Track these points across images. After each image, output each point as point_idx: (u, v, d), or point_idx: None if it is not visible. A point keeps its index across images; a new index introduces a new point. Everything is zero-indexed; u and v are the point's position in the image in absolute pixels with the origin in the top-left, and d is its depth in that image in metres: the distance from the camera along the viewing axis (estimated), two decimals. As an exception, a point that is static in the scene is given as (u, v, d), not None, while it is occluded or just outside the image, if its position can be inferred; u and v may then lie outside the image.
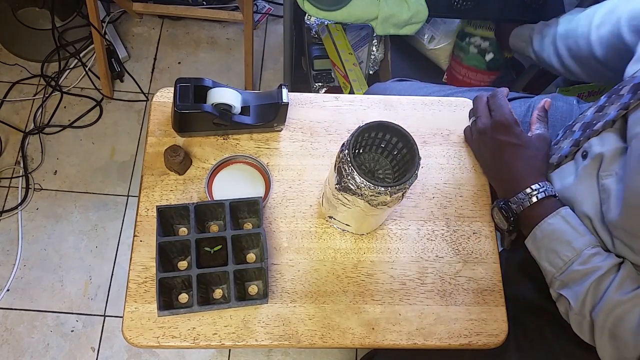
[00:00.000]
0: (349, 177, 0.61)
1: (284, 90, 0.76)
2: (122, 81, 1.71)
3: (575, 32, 0.90)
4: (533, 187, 0.70)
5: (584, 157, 0.73)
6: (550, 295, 0.78)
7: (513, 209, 0.72)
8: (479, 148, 0.80)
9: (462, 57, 1.33)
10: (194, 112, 0.73)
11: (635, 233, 0.61)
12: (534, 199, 0.70)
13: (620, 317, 0.61)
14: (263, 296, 0.70)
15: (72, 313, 1.42)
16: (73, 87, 1.68)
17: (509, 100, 0.94)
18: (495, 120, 0.76)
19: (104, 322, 1.42)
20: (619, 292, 0.62)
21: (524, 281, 0.83)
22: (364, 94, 1.14)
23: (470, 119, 0.83)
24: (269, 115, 0.78)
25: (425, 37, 1.33)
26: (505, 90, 0.80)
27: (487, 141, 0.77)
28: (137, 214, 0.75)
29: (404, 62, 1.40)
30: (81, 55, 1.71)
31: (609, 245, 0.66)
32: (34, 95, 1.66)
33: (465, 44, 1.31)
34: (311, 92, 1.27)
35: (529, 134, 0.77)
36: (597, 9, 0.88)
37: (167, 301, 0.68)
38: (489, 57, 1.30)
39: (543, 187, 0.70)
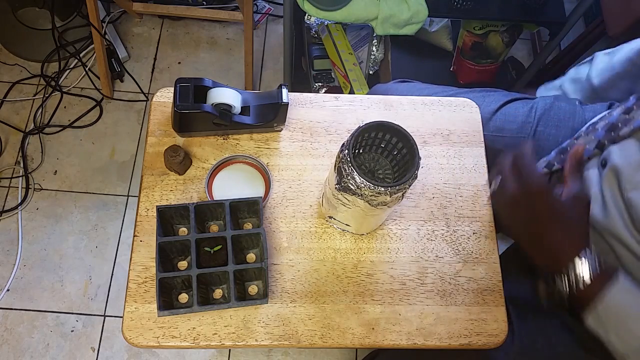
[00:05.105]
0: (349, 177, 0.61)
1: (284, 90, 0.76)
2: (122, 81, 1.71)
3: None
4: (581, 264, 0.62)
5: (603, 165, 0.70)
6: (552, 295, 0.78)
7: (562, 291, 0.64)
8: (510, 215, 0.71)
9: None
10: (194, 112, 0.73)
11: None
12: (587, 279, 0.61)
13: None
14: (263, 296, 0.70)
15: (72, 313, 1.42)
16: (73, 87, 1.68)
17: (510, 101, 0.94)
18: (528, 188, 0.67)
19: (104, 322, 1.42)
20: None
21: (526, 281, 0.83)
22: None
23: (493, 178, 0.75)
24: (269, 115, 0.78)
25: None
26: (530, 145, 0.71)
27: (519, 209, 0.68)
28: (137, 214, 0.75)
29: (404, 62, 1.40)
30: (81, 55, 1.71)
31: None
32: (34, 95, 1.66)
33: None
34: (311, 92, 1.27)
35: (563, 191, 0.68)
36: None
37: (167, 301, 0.68)
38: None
39: (591, 260, 0.62)
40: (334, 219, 0.74)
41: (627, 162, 0.65)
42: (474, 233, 0.77)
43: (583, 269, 0.62)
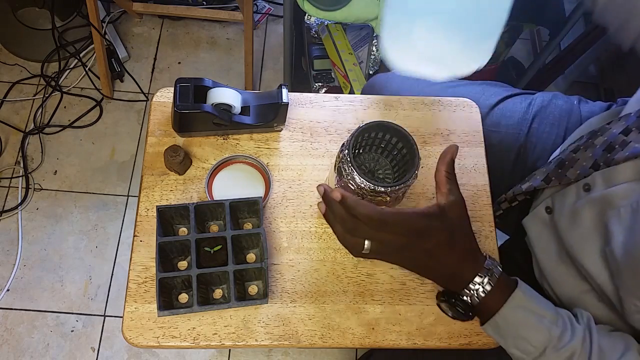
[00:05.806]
0: (349, 177, 0.61)
1: (284, 90, 0.76)
2: (122, 81, 1.71)
3: None
4: (480, 279, 0.62)
5: (586, 189, 0.67)
6: (548, 292, 0.78)
7: (464, 305, 0.66)
8: (400, 261, 0.65)
9: None
10: (194, 112, 0.73)
11: None
12: (485, 292, 0.62)
13: None
14: (263, 296, 0.70)
15: (72, 313, 1.42)
16: (73, 87, 1.69)
17: (510, 96, 0.93)
18: (407, 231, 0.60)
19: (104, 322, 1.42)
20: None
21: (523, 280, 0.83)
22: (363, 86, 1.13)
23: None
24: (269, 115, 0.78)
25: None
26: (342, 193, 0.59)
27: (408, 253, 0.62)
28: (137, 214, 0.75)
29: (404, 62, 1.39)
30: (81, 55, 1.71)
31: (606, 288, 0.62)
32: (34, 95, 1.67)
33: None
34: (311, 92, 1.27)
35: (439, 201, 0.63)
36: None
37: (167, 301, 0.68)
38: None
39: (489, 273, 0.63)
40: (334, 219, 0.73)
41: (614, 190, 0.62)
42: (474, 233, 0.77)
43: (482, 283, 0.62)
